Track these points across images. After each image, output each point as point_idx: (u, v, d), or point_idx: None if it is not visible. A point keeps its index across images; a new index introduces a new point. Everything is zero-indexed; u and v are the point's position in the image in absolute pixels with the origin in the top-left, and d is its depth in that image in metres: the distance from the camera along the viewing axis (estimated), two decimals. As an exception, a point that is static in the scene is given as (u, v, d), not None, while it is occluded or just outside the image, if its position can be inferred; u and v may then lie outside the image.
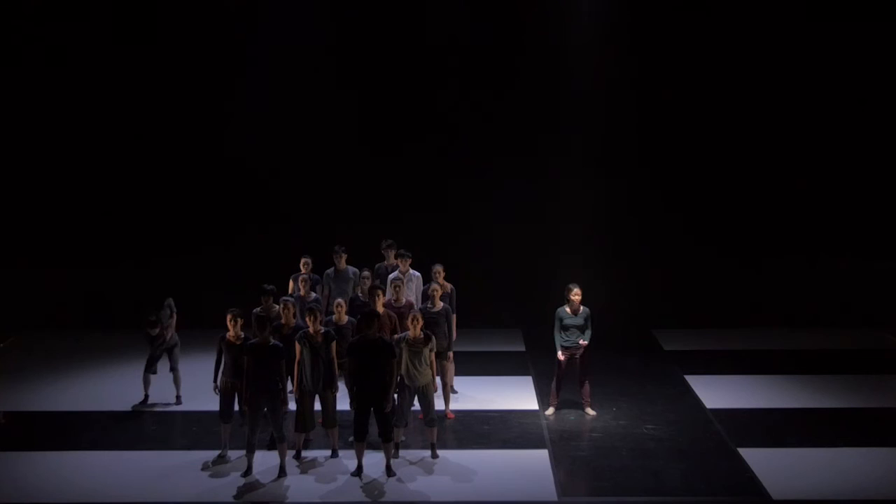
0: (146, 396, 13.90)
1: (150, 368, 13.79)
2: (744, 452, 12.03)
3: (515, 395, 14.24)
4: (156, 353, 13.69)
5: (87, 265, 17.94)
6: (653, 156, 17.99)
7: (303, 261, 14.22)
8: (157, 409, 13.79)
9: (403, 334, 11.97)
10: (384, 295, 13.23)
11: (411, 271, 14.28)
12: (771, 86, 17.75)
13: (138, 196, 18.09)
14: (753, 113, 17.84)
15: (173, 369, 13.83)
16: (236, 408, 11.82)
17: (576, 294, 13.13)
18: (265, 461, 11.67)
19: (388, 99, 17.95)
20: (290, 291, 14.08)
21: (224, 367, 11.82)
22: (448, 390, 13.52)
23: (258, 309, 12.66)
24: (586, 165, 17.97)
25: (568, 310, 13.18)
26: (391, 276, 14.06)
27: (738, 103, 17.81)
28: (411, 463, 11.84)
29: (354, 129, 18.00)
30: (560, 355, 13.25)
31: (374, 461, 11.64)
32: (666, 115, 17.91)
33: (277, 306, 12.56)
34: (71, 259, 17.95)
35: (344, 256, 14.59)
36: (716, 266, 18.05)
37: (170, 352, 13.79)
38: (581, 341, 13.13)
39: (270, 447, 11.89)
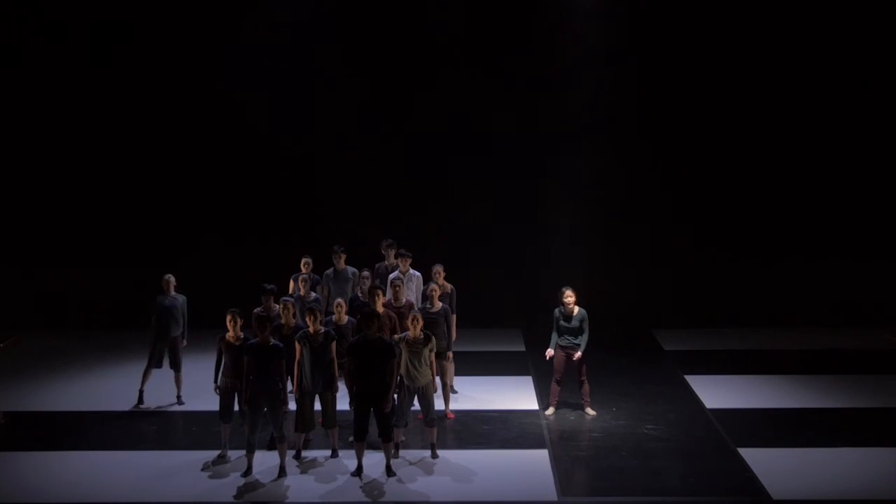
0: (141, 393, 13.85)
1: (153, 363, 13.78)
2: (744, 452, 12.03)
3: (515, 395, 14.25)
4: (159, 346, 13.71)
5: (88, 265, 17.95)
6: (654, 156, 17.98)
7: (303, 261, 14.22)
8: (157, 409, 13.79)
9: (403, 334, 11.98)
10: (384, 295, 13.23)
11: (411, 271, 14.28)
12: (773, 86, 17.75)
13: (139, 196, 18.10)
14: (755, 113, 17.84)
15: (176, 369, 13.82)
16: (236, 408, 11.82)
17: (568, 296, 13.13)
18: (265, 461, 11.67)
19: (387, 98, 17.93)
20: (290, 291, 14.08)
21: (224, 367, 11.82)
22: (448, 390, 13.51)
23: (258, 309, 12.65)
24: (587, 165, 17.96)
25: (563, 312, 13.19)
26: (391, 276, 14.05)
27: (740, 104, 17.80)
28: (411, 463, 11.84)
29: (353, 129, 17.99)
30: (549, 352, 13.25)
31: (374, 461, 11.64)
32: (669, 115, 17.89)
33: (278, 306, 12.55)
34: (71, 259, 17.96)
35: (343, 256, 14.59)
36: (716, 266, 18.06)
37: (172, 350, 13.76)
38: (576, 355, 13.12)
39: (270, 447, 11.89)
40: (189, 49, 17.69)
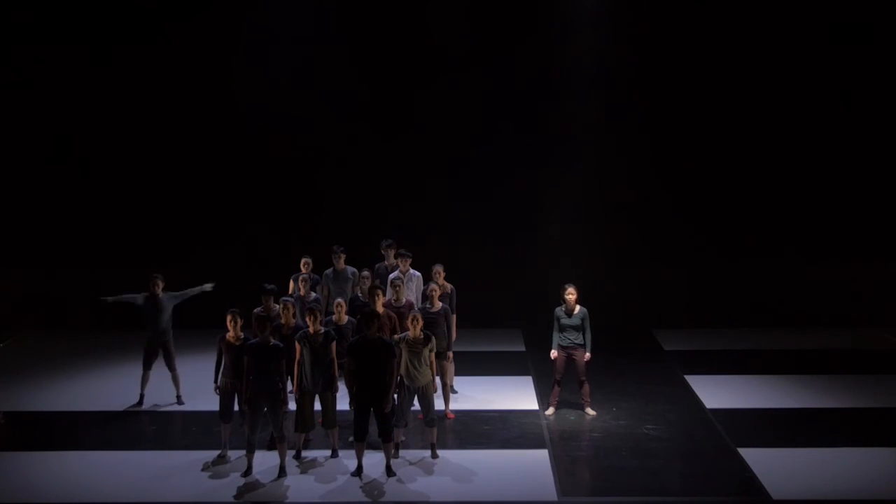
0: (141, 397, 13.89)
1: (148, 366, 13.78)
2: (744, 452, 12.03)
3: (515, 395, 14.24)
4: (151, 347, 13.71)
5: (88, 265, 17.95)
6: (654, 155, 17.97)
7: (303, 261, 14.22)
8: (157, 409, 13.79)
9: (403, 334, 11.98)
10: (384, 295, 13.23)
11: (411, 271, 14.28)
12: (774, 86, 17.74)
13: (139, 196, 18.10)
14: (756, 112, 17.83)
15: (171, 369, 13.83)
16: (236, 408, 11.82)
17: (570, 293, 13.13)
18: (265, 461, 11.67)
19: (387, 98, 17.93)
20: (290, 291, 14.08)
21: (224, 368, 11.82)
22: (448, 390, 13.51)
23: (259, 309, 12.65)
24: (587, 165, 17.96)
25: (564, 309, 13.19)
26: (391, 276, 14.05)
27: (740, 103, 17.79)
28: (411, 463, 11.84)
29: (352, 129, 18.00)
30: (553, 353, 13.27)
31: (374, 461, 11.64)
32: (669, 114, 17.88)
33: (277, 306, 12.55)
34: (71, 259, 17.96)
35: (343, 256, 14.59)
36: (716, 266, 18.06)
37: (165, 348, 13.75)
38: (585, 356, 13.14)
39: (270, 447, 11.89)
40: (188, 48, 17.68)
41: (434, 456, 11.96)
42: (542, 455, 12.05)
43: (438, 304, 13.20)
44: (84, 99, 17.88)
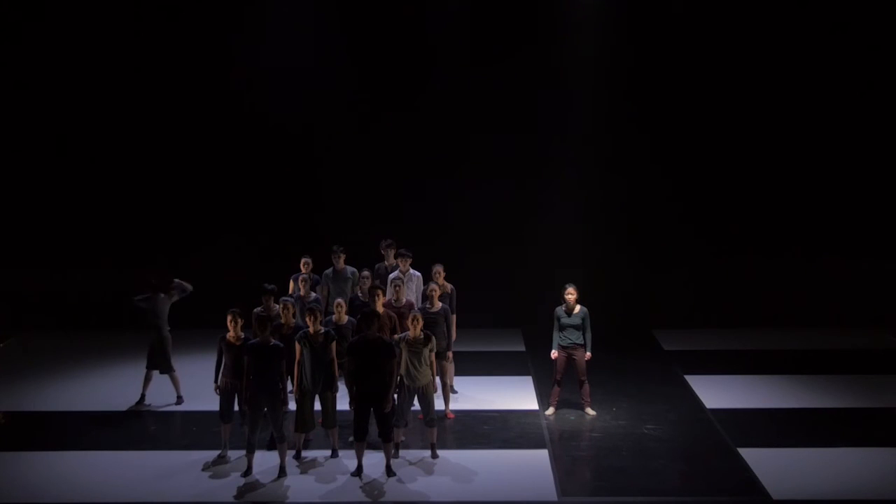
0: (143, 396, 13.90)
1: (151, 365, 13.78)
2: (744, 452, 12.03)
3: (515, 395, 14.24)
4: (154, 346, 13.71)
5: (88, 265, 17.95)
6: (654, 154, 17.95)
7: (303, 261, 14.22)
8: (157, 409, 13.79)
9: (403, 334, 11.98)
10: (384, 295, 13.23)
11: (411, 271, 14.28)
12: (774, 84, 17.72)
13: (139, 196, 18.09)
14: (755, 111, 17.81)
15: (166, 371, 13.82)
16: (236, 408, 11.82)
17: (570, 293, 13.14)
18: (265, 461, 11.68)
19: (387, 98, 17.92)
20: (290, 291, 14.09)
21: (224, 368, 11.82)
22: (448, 390, 13.52)
23: (259, 309, 12.65)
24: (588, 164, 17.95)
25: (565, 309, 13.19)
26: (391, 275, 14.04)
27: (740, 102, 17.77)
28: (411, 463, 11.84)
29: (353, 129, 17.99)
30: (553, 353, 13.27)
31: (374, 461, 11.65)
32: (668, 112, 17.85)
33: (278, 306, 12.54)
34: (71, 259, 17.96)
35: (343, 256, 14.59)
36: (716, 266, 18.05)
37: (162, 347, 13.73)
38: (586, 355, 13.15)
39: (270, 447, 11.89)
40: (186, 46, 17.66)
41: (434, 456, 11.96)
42: (542, 455, 12.05)
43: (438, 304, 13.20)
44: (84, 98, 17.85)
